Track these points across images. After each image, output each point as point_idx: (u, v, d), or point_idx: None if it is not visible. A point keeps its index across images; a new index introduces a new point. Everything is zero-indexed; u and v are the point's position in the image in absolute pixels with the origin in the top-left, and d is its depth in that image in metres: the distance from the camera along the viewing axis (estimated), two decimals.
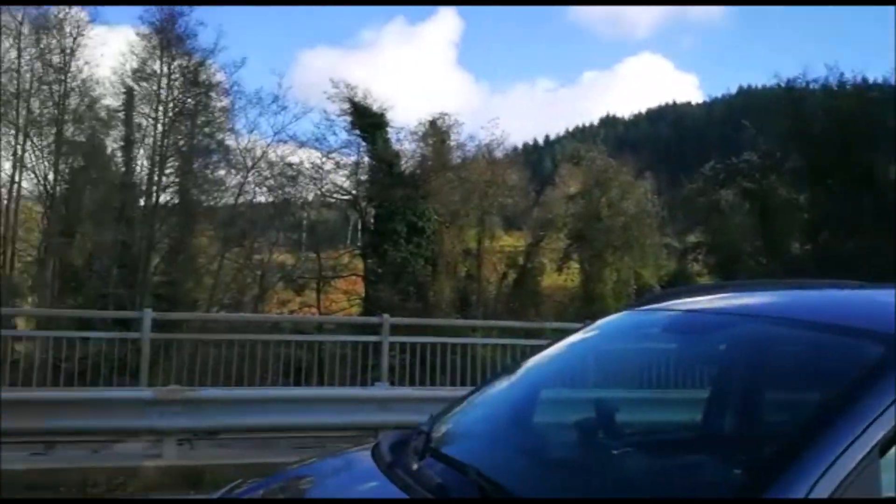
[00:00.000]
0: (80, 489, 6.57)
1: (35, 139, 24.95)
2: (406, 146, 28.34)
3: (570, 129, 75.50)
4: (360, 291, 28.08)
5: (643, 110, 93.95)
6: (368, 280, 27.16)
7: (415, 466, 2.39)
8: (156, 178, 26.31)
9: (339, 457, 3.23)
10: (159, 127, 26.10)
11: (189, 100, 26.53)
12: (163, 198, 26.65)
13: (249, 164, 27.07)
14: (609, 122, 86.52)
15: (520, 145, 44.52)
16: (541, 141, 79.46)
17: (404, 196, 26.26)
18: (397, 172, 27.31)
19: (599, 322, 3.12)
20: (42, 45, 24.83)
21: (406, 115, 38.89)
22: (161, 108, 26.06)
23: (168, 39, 25.81)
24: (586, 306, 26.37)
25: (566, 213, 30.73)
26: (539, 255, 30.57)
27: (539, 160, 56.32)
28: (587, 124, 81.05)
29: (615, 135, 64.92)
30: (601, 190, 30.21)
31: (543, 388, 3.01)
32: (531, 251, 30.33)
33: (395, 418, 7.55)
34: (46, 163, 25.04)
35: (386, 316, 9.85)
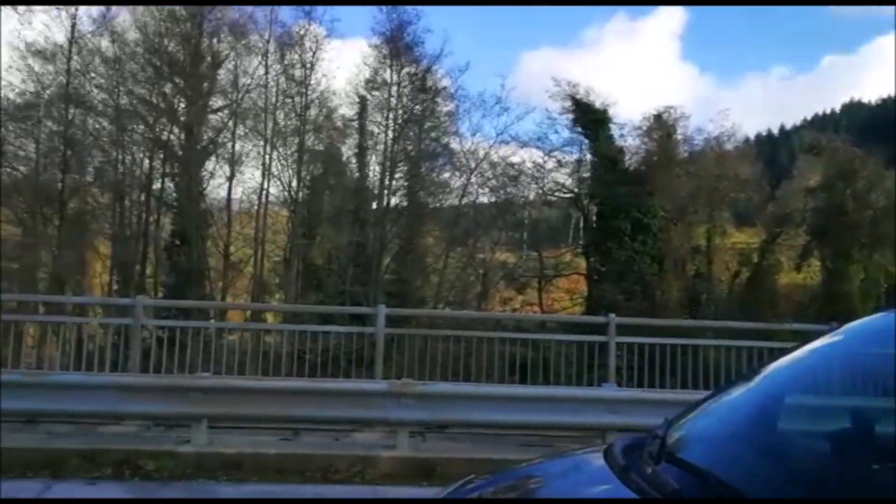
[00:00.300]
0: (323, 475, 7.01)
1: (280, 149, 27.04)
2: (629, 142, 27.76)
3: (808, 118, 70.12)
4: (583, 290, 27.82)
5: (893, 93, 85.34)
6: (591, 279, 26.85)
7: (649, 470, 2.32)
8: (387, 182, 27.69)
9: (569, 457, 3.20)
10: (390, 133, 27.44)
11: (417, 106, 27.62)
12: (393, 200, 28.05)
13: (473, 165, 27.69)
14: (853, 108, 79.46)
15: (752, 137, 42.04)
16: (775, 131, 74.45)
17: (628, 192, 25.71)
18: (621, 169, 26.81)
19: (853, 324, 2.87)
20: (286, 62, 26.86)
21: (629, 110, 37.92)
22: (391, 115, 27.39)
23: (397, 48, 27.05)
24: (828, 307, 24.43)
25: (805, 208, 28.66)
26: (775, 252, 28.76)
27: (773, 152, 52.88)
28: (827, 112, 74.92)
29: (860, 121, 59.54)
30: (845, 182, 27.85)
31: (789, 393, 2.81)
32: (766, 248, 28.57)
33: (623, 420, 7.41)
34: (291, 170, 27.06)
35: (612, 315, 9.66)
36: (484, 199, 28.87)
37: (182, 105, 26.48)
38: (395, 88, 27.33)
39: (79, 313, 16.97)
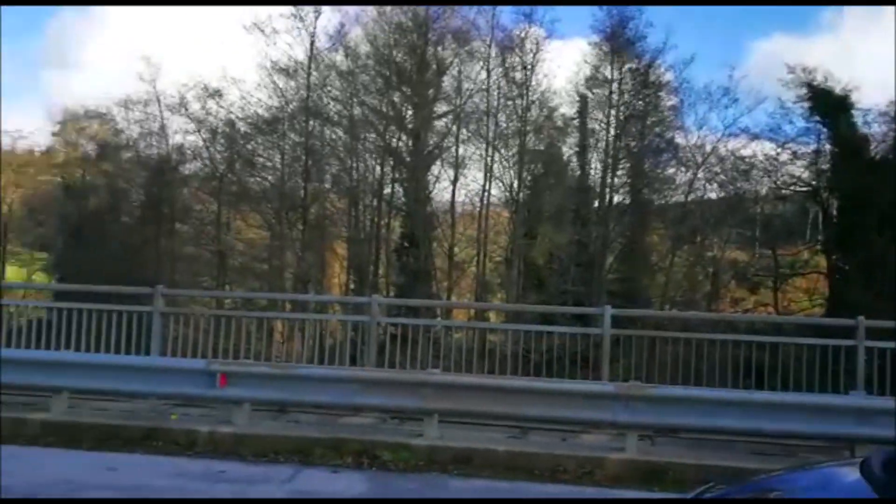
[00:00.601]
0: (551, 474, 7.05)
1: (502, 150, 27.58)
2: (875, 129, 25.50)
3: None
4: (824, 290, 25.94)
5: None
6: (833, 278, 24.99)
7: None
8: (608, 179, 27.46)
9: (817, 470, 3.02)
10: (611, 130, 27.23)
11: (639, 102, 27.27)
12: (615, 198, 27.82)
13: (700, 160, 26.84)
14: None
15: None
16: None
17: (875, 184, 23.60)
18: (866, 158, 24.69)
19: None
20: (506, 65, 27.38)
21: (873, 95, 34.39)
22: (612, 112, 27.17)
23: (618, 45, 26.77)
24: None
25: None
26: None
27: None
28: None
29: None
30: None
31: None
32: None
33: (875, 432, 6.84)
34: (512, 171, 27.52)
35: (861, 318, 8.89)
36: (712, 195, 27.90)
37: (409, 112, 27.74)
38: (616, 85, 27.10)
39: (320, 311, 18.25)
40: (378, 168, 28.30)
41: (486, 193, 27.54)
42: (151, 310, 9.61)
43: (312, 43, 27.58)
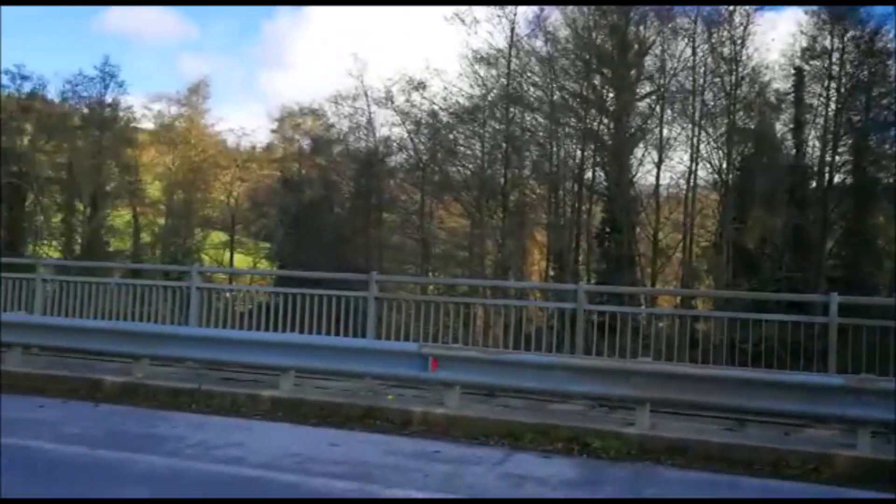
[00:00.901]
0: (773, 468, 6.69)
1: (709, 130, 26.49)
2: None
3: None
4: None
5: None
6: None
7: None
8: (828, 158, 25.72)
9: None
10: (831, 105, 25.51)
11: (863, 72, 25.29)
12: (836, 178, 26.03)
13: None
14: None
15: None
16: None
17: None
18: None
19: None
20: (713, 40, 26.25)
21: None
22: (832, 84, 25.39)
23: (840, 12, 24.94)
24: None
25: None
26: None
27: None
28: None
29: None
30: None
31: None
32: None
33: None
34: (720, 152, 26.37)
35: None
36: None
37: (611, 95, 27.29)
38: (836, 55, 25.28)
39: (519, 297, 18.38)
40: (579, 153, 28.09)
41: (692, 176, 26.66)
42: (366, 295, 10.04)
43: (512, 30, 27.83)
